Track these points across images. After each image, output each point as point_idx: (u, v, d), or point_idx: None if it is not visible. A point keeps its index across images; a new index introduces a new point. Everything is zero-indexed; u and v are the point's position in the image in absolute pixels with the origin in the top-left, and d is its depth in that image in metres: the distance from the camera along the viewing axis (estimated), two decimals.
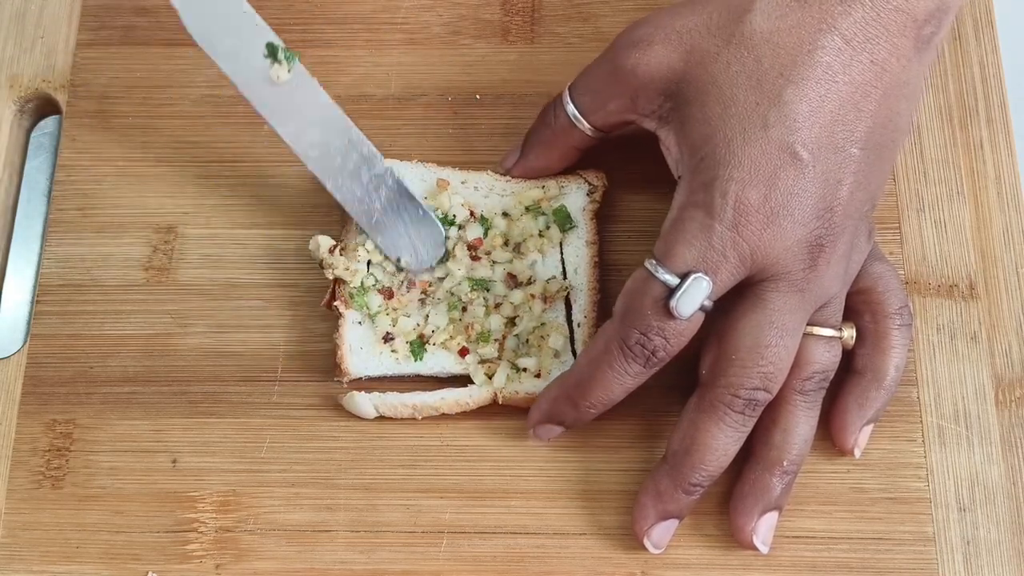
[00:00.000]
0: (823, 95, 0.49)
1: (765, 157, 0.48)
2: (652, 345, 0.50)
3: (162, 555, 0.54)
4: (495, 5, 0.64)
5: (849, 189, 0.49)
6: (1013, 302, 0.57)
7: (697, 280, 0.49)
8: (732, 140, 0.49)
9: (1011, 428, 0.55)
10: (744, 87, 0.49)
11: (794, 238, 0.49)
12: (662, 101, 0.52)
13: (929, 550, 0.53)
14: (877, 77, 0.49)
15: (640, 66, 0.52)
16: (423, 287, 0.56)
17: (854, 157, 0.49)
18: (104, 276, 0.59)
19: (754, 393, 0.50)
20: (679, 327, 0.49)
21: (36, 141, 0.63)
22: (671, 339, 0.50)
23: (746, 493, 0.52)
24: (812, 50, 0.49)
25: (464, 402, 0.54)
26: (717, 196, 0.49)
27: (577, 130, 0.56)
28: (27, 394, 0.57)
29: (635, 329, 0.50)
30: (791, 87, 0.49)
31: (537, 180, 0.58)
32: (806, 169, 0.49)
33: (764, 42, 0.49)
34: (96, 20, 0.64)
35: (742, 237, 0.49)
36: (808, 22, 0.49)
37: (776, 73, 0.49)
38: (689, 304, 0.49)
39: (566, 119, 0.56)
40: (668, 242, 0.50)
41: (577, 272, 0.56)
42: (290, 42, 0.63)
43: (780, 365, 0.50)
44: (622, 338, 0.50)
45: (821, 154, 0.49)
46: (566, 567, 0.53)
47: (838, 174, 0.49)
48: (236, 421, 0.56)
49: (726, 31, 0.50)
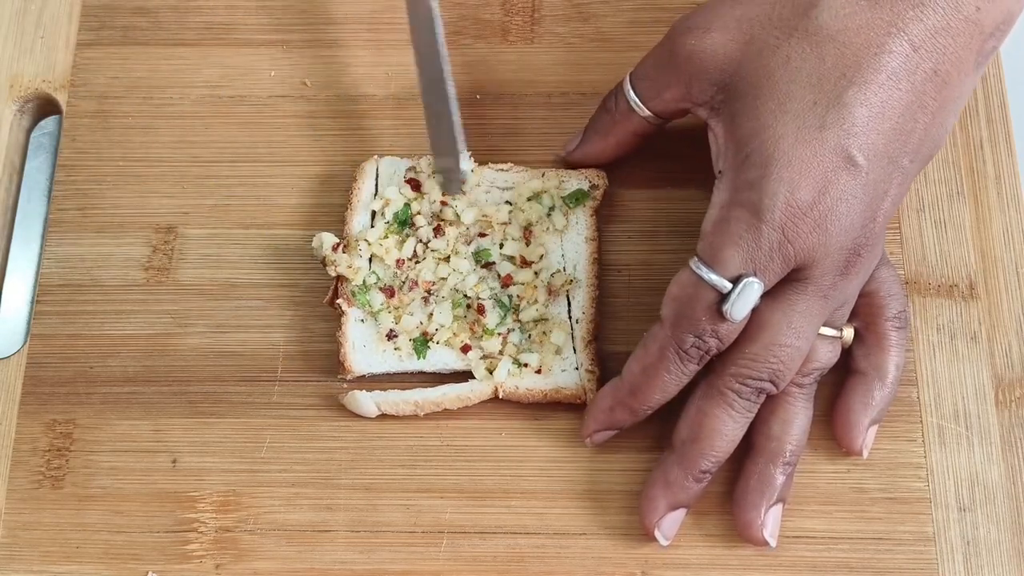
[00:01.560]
0: (884, 101, 0.47)
1: (817, 159, 0.47)
2: (707, 346, 0.50)
3: (162, 555, 0.54)
4: (495, 5, 0.64)
5: (892, 200, 0.49)
6: (1013, 302, 0.57)
7: (749, 284, 0.48)
8: (784, 138, 0.48)
9: (1011, 428, 0.55)
10: (803, 84, 0.48)
11: (837, 245, 0.48)
12: (715, 91, 0.51)
13: (929, 550, 0.53)
14: (937, 89, 0.48)
15: (696, 52, 0.51)
16: (426, 286, 0.56)
17: (903, 169, 0.49)
18: (104, 276, 0.59)
19: (762, 384, 0.50)
20: (732, 328, 0.49)
21: (36, 141, 0.63)
22: (724, 339, 0.50)
23: (751, 488, 0.52)
24: (879, 53, 0.47)
25: (466, 397, 0.54)
26: (766, 196, 0.48)
27: (636, 116, 0.55)
28: (27, 394, 0.57)
29: (690, 334, 0.49)
30: (853, 89, 0.47)
31: (536, 171, 0.58)
32: (860, 176, 0.48)
33: (829, 40, 0.48)
34: (96, 20, 0.64)
35: (789, 240, 0.48)
36: (877, 23, 0.47)
37: (839, 73, 0.47)
38: (743, 308, 0.49)
39: (626, 105, 0.55)
40: (714, 244, 0.49)
41: (576, 268, 0.56)
42: (290, 42, 0.63)
43: (791, 365, 0.50)
44: (677, 343, 0.50)
45: (876, 163, 0.48)
46: (566, 567, 0.53)
47: (886, 185, 0.48)
48: (236, 421, 0.56)
49: (789, 24, 0.49)
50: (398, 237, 0.57)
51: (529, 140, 0.60)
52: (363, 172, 0.59)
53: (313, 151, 0.61)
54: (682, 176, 0.59)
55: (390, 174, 0.59)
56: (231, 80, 0.62)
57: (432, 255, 0.57)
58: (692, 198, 0.58)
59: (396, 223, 0.57)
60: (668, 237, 0.58)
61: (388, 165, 0.59)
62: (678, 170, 0.59)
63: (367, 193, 0.58)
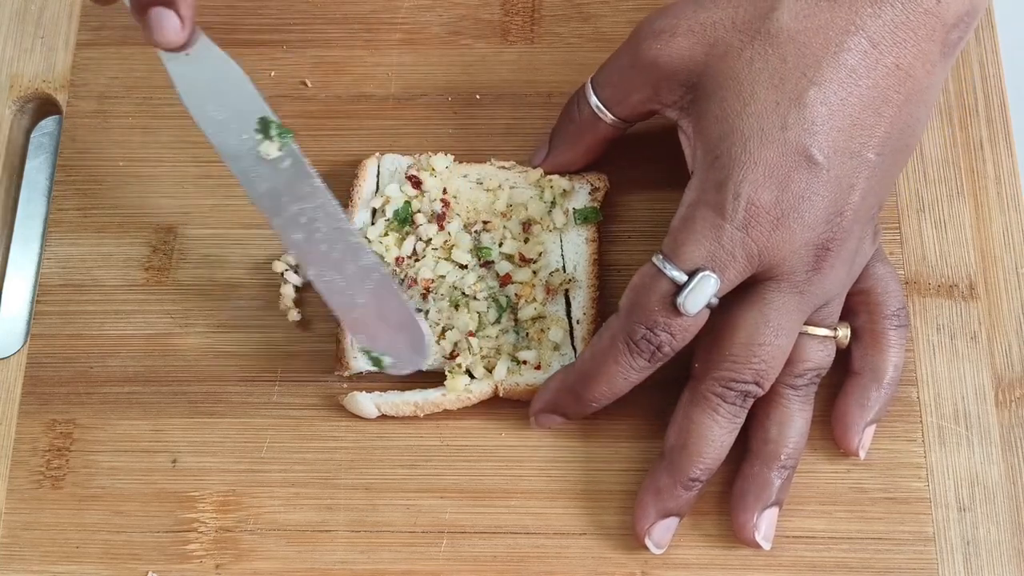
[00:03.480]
0: (844, 98, 0.48)
1: (781, 159, 0.48)
2: (658, 340, 0.50)
3: (162, 555, 0.54)
4: (495, 5, 0.64)
5: (861, 194, 0.49)
6: (1013, 302, 0.57)
7: (705, 278, 0.49)
8: (749, 140, 0.49)
9: (1011, 428, 0.55)
10: (766, 85, 0.49)
11: (802, 241, 0.49)
12: (683, 92, 0.52)
13: (929, 550, 0.53)
14: (900, 82, 0.49)
15: (662, 57, 0.52)
16: (425, 284, 0.56)
17: (869, 162, 0.49)
18: (104, 276, 0.59)
19: (746, 387, 0.50)
20: (685, 323, 0.49)
21: (36, 141, 0.63)
22: (677, 335, 0.50)
23: (746, 490, 0.52)
24: (838, 52, 0.48)
25: (466, 397, 0.54)
26: (730, 196, 0.48)
27: (601, 122, 0.56)
28: (27, 394, 0.57)
29: (641, 324, 0.50)
30: (813, 88, 0.48)
31: (537, 170, 0.58)
32: (820, 173, 0.48)
33: (789, 40, 0.49)
34: (96, 20, 0.64)
35: (751, 238, 0.48)
36: (836, 23, 0.48)
37: (799, 73, 0.48)
38: (696, 301, 0.49)
39: (590, 112, 0.56)
40: (677, 239, 0.49)
41: (577, 269, 0.57)
42: (290, 42, 0.63)
43: (773, 364, 0.50)
44: (628, 333, 0.50)
45: (836, 159, 0.48)
46: (566, 567, 0.53)
47: (851, 179, 0.49)
48: (236, 421, 0.56)
49: (752, 27, 0.50)
50: (398, 235, 0.57)
51: (529, 140, 0.60)
52: (364, 169, 0.59)
53: (313, 151, 0.60)
54: (682, 176, 0.58)
55: (391, 171, 0.59)
56: None
57: (432, 253, 0.57)
58: None
59: (396, 221, 0.57)
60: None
61: (390, 162, 0.59)
62: (678, 170, 0.59)
63: (368, 190, 0.58)
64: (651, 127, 0.59)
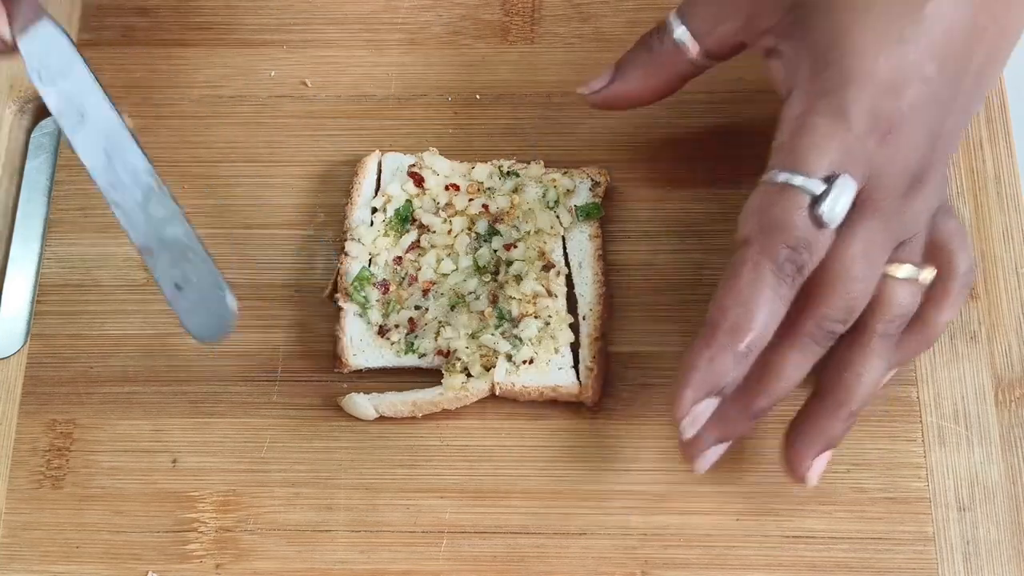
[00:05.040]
0: (959, 18, 0.47)
1: (897, 73, 0.46)
2: (800, 260, 0.46)
3: (162, 555, 0.54)
4: (495, 5, 0.64)
5: (955, 120, 0.48)
6: (1013, 302, 0.57)
7: (844, 181, 0.46)
8: (865, 50, 0.47)
9: (1011, 428, 0.55)
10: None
11: (903, 161, 0.47)
12: (783, 14, 0.50)
13: (929, 550, 0.53)
14: (1005, 9, 0.48)
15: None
16: (425, 285, 0.56)
17: (966, 88, 0.48)
18: (104, 276, 0.59)
19: (835, 326, 0.48)
20: (824, 239, 0.46)
21: (36, 141, 0.63)
22: (815, 254, 0.46)
23: (809, 431, 0.50)
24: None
25: (463, 396, 0.54)
26: (849, 103, 0.46)
27: (682, 56, 0.53)
28: (27, 394, 0.57)
29: (784, 245, 0.46)
30: (932, 3, 0.47)
31: (538, 166, 0.58)
32: (930, 92, 0.47)
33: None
34: (96, 20, 0.64)
35: (868, 147, 0.46)
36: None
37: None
38: (840, 208, 0.46)
39: (672, 44, 0.52)
40: (797, 148, 0.46)
41: (582, 266, 0.56)
42: (290, 42, 0.63)
43: (863, 299, 0.48)
44: (771, 258, 0.46)
45: (943, 79, 0.47)
46: (566, 567, 0.53)
47: (950, 103, 0.48)
48: (236, 421, 0.56)
49: None
50: (396, 234, 0.57)
51: (529, 140, 0.60)
52: (364, 166, 0.59)
53: (313, 151, 0.61)
54: (682, 176, 0.59)
55: (393, 170, 0.59)
56: (231, 80, 0.62)
57: (433, 251, 0.57)
58: (692, 198, 0.58)
59: (397, 219, 0.57)
60: (668, 237, 0.58)
61: (391, 161, 0.59)
62: (678, 170, 0.59)
63: (368, 188, 0.58)
64: (650, 126, 0.59)
